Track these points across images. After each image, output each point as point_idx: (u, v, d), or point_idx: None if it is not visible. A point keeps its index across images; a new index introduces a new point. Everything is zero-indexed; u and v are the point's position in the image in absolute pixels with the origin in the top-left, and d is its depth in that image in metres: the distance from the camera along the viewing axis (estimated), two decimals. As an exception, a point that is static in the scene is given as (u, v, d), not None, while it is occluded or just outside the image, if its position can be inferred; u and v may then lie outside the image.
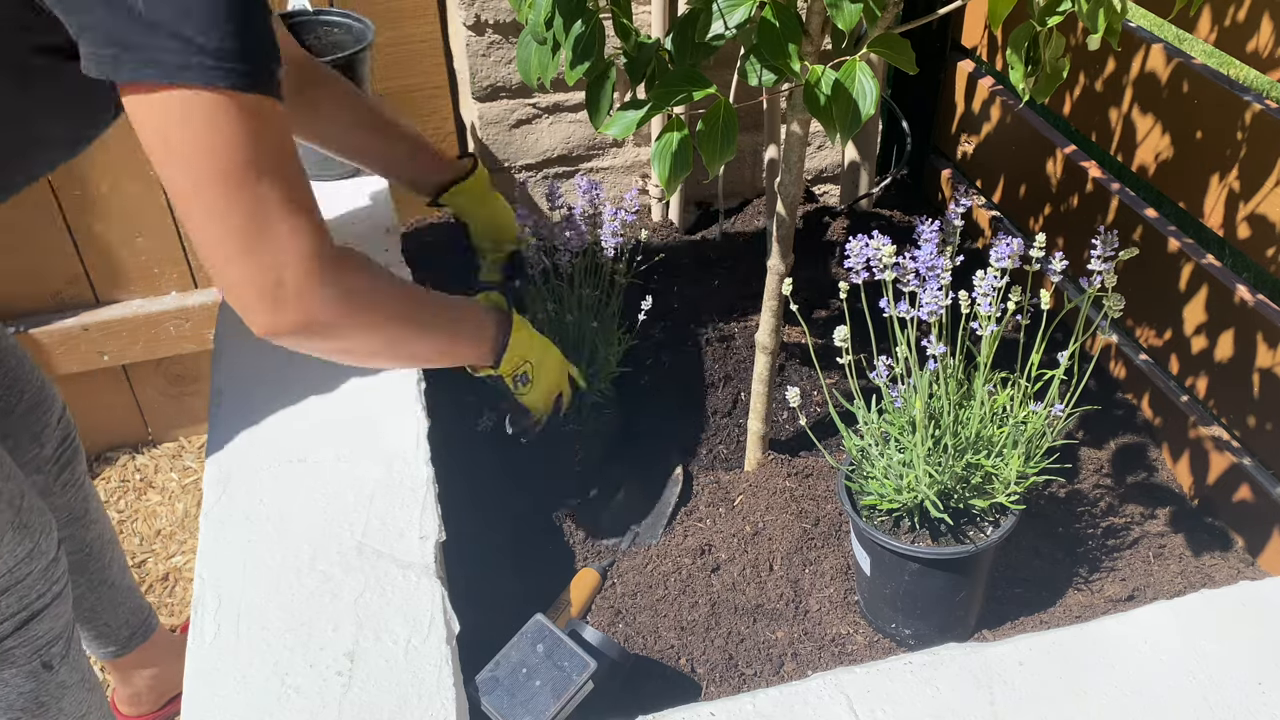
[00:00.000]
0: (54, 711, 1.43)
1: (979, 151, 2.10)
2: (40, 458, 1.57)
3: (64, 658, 1.41)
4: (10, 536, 1.30)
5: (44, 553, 1.34)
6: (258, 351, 1.53)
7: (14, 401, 1.51)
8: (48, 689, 1.40)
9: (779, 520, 1.53)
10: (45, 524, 1.35)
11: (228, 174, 1.02)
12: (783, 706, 1.10)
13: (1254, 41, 1.42)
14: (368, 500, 1.30)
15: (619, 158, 2.16)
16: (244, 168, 1.03)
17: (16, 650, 1.35)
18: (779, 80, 1.14)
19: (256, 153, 1.03)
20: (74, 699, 1.45)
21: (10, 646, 1.35)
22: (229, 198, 1.03)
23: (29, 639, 1.36)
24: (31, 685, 1.39)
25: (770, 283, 1.46)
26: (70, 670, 1.43)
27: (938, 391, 1.30)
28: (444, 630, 1.16)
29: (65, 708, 1.44)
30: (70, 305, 2.24)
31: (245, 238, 1.04)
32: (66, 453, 1.62)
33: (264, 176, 1.04)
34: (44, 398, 1.57)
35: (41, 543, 1.34)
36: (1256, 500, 1.53)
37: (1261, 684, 1.12)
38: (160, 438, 2.50)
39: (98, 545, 1.71)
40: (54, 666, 1.40)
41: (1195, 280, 1.61)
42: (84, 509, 1.67)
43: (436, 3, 2.08)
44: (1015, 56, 1.13)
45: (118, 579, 1.76)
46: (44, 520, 1.35)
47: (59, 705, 1.43)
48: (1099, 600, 1.43)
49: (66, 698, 1.44)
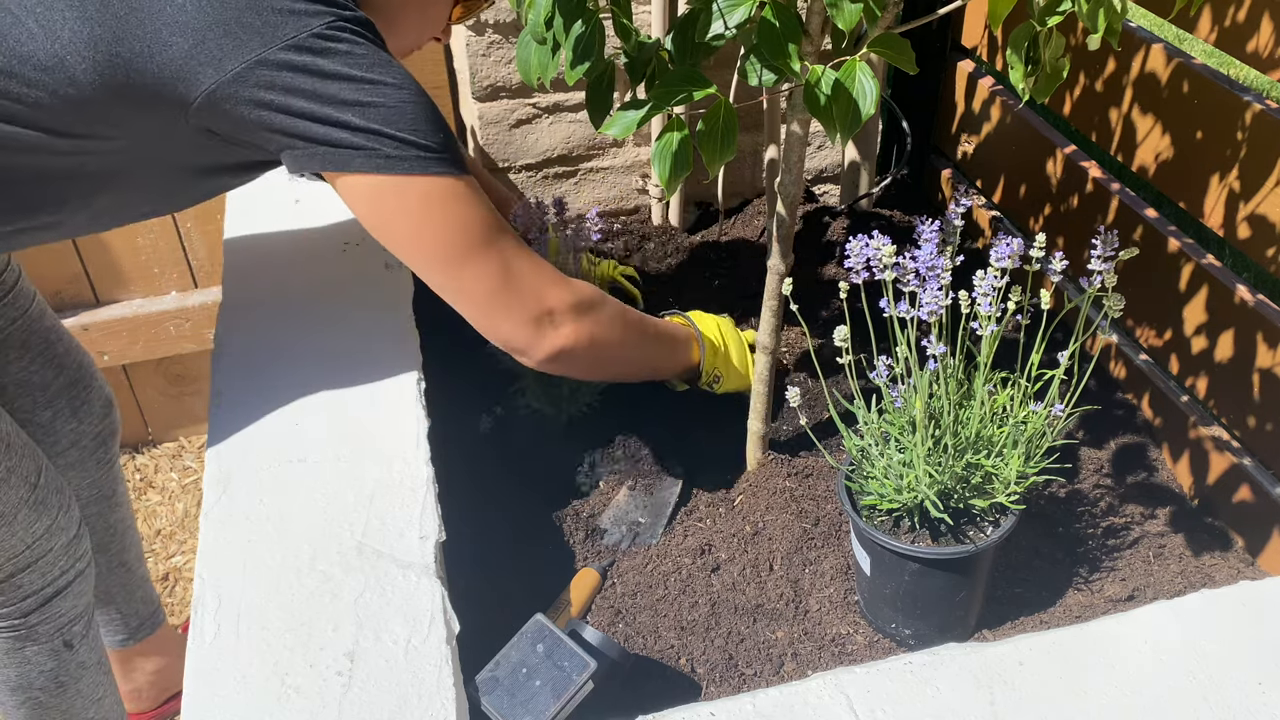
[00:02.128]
0: (72, 693, 1.45)
1: (979, 151, 2.10)
2: (78, 432, 1.61)
3: (84, 637, 1.44)
4: (25, 514, 1.32)
5: (63, 529, 1.37)
6: (258, 351, 1.53)
7: (53, 375, 1.55)
8: (68, 669, 1.43)
9: (779, 520, 1.53)
10: (64, 502, 1.38)
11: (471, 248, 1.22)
12: (783, 706, 1.10)
13: (1254, 41, 1.42)
14: (368, 500, 1.30)
15: (619, 158, 2.16)
16: (481, 238, 1.22)
17: (40, 627, 1.38)
18: (779, 80, 1.14)
19: (484, 222, 1.23)
20: (91, 680, 1.47)
21: (35, 623, 1.37)
22: (486, 262, 1.23)
23: (52, 615, 1.38)
24: (53, 664, 1.41)
25: (770, 283, 1.46)
26: (89, 650, 1.45)
27: (938, 391, 1.30)
28: (444, 630, 1.16)
29: (83, 689, 1.46)
30: (70, 305, 2.25)
31: (506, 292, 1.24)
32: (105, 430, 1.67)
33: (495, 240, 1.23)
34: (84, 374, 1.63)
35: (60, 519, 1.37)
36: (1256, 500, 1.53)
37: (1261, 684, 1.12)
38: (160, 438, 2.50)
39: (121, 527, 1.75)
40: (74, 645, 1.42)
41: (1195, 280, 1.61)
42: (113, 489, 1.71)
43: (436, 3, 2.08)
44: (1015, 56, 1.13)
45: (135, 564, 1.79)
46: (62, 498, 1.37)
47: (77, 686, 1.45)
48: (1099, 600, 1.43)
49: (85, 678, 1.46)
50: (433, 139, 1.15)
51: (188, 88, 1.09)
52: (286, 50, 1.09)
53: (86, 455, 1.64)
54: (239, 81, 1.09)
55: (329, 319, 1.53)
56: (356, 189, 1.16)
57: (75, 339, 1.63)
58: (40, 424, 1.56)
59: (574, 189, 2.17)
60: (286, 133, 1.12)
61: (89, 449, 1.64)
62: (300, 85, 1.10)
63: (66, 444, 1.61)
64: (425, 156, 1.15)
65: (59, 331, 1.59)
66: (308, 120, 1.11)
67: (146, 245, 2.20)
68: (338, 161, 1.14)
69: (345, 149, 1.13)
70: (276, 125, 1.12)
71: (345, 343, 1.50)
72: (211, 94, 1.09)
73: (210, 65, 1.08)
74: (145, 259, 2.23)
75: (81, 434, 1.62)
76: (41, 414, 1.56)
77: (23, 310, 1.51)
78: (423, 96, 1.16)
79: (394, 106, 1.13)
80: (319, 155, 1.14)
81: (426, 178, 1.16)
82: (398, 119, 1.13)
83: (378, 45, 1.15)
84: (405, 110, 1.13)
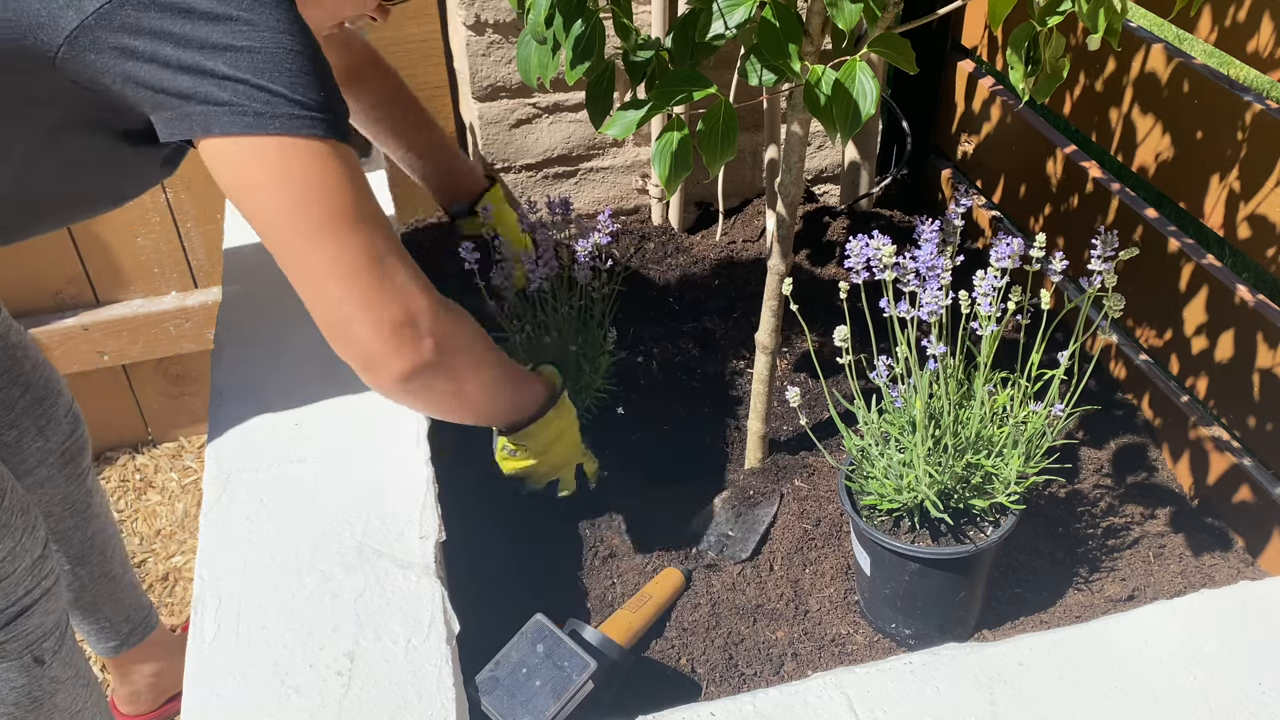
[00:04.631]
0: (48, 707, 1.43)
1: (979, 151, 2.10)
2: (45, 450, 1.58)
3: (56, 653, 1.42)
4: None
5: (27, 550, 1.34)
6: (258, 351, 1.53)
7: (19, 394, 1.52)
8: (41, 684, 1.41)
9: (779, 520, 1.53)
10: (28, 522, 1.36)
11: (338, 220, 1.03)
12: (783, 706, 1.10)
13: (1254, 41, 1.42)
14: (368, 500, 1.30)
15: (619, 158, 2.16)
16: (353, 213, 1.04)
17: (7, 645, 1.36)
18: (779, 80, 1.14)
19: (359, 198, 1.05)
20: (68, 694, 1.45)
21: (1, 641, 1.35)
22: (345, 245, 1.04)
23: (19, 634, 1.36)
24: (24, 680, 1.39)
25: (770, 283, 1.46)
26: (63, 666, 1.44)
27: (938, 391, 1.30)
28: (444, 630, 1.16)
29: (60, 703, 1.45)
30: (70, 305, 2.25)
31: (370, 285, 1.06)
32: (73, 446, 1.63)
33: (369, 222, 1.05)
34: (50, 391, 1.58)
35: (24, 540, 1.34)
36: (1256, 500, 1.53)
37: (1261, 684, 1.12)
38: (160, 438, 2.50)
39: (100, 539, 1.72)
40: (46, 661, 1.40)
41: (1195, 280, 1.61)
42: (87, 503, 1.68)
43: (436, 2, 2.08)
44: (1015, 56, 1.13)
45: (119, 573, 1.77)
46: (27, 519, 1.35)
47: (53, 701, 1.44)
48: (1099, 600, 1.43)
49: (60, 693, 1.44)
50: (310, 95, 1.00)
51: (50, 34, 0.98)
52: None
53: (55, 472, 1.60)
54: (102, 23, 0.96)
55: (329, 319, 1.53)
56: (217, 152, 1.01)
57: (42, 354, 1.57)
58: (6, 443, 1.51)
59: (574, 189, 2.17)
60: (154, 88, 0.99)
61: (57, 465, 1.60)
62: (168, 28, 0.97)
63: (34, 462, 1.57)
64: (297, 116, 1.00)
65: (25, 348, 1.53)
66: (174, 70, 0.98)
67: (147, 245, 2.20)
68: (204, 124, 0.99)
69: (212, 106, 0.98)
70: (144, 79, 0.98)
71: (345, 343, 1.49)
72: (74, 39, 0.97)
73: (71, 7, 0.97)
74: (145, 259, 2.22)
75: (48, 451, 1.58)
76: (7, 433, 1.51)
77: None
78: (308, 45, 1.02)
79: (272, 53, 0.98)
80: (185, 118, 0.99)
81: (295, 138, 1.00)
82: (272, 68, 0.98)
83: None
84: (283, 59, 0.99)
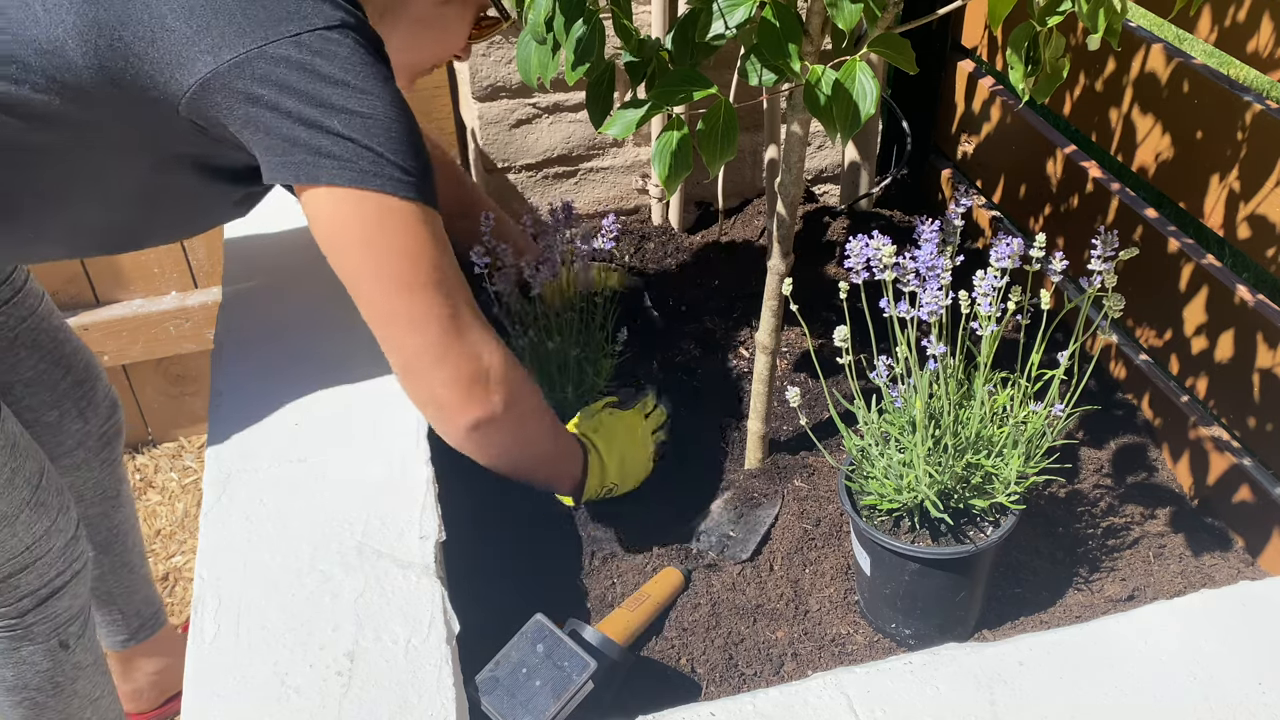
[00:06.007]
0: (68, 693, 1.45)
1: (979, 151, 2.10)
2: (84, 432, 1.61)
3: (80, 638, 1.44)
4: (27, 514, 1.32)
5: (61, 530, 1.37)
6: (258, 351, 1.53)
7: (60, 374, 1.56)
8: (64, 669, 1.43)
9: (779, 520, 1.53)
10: (63, 503, 1.38)
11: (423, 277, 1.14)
12: (783, 706, 1.10)
13: (1254, 41, 1.42)
14: (368, 500, 1.30)
15: (619, 158, 2.16)
16: (436, 272, 1.14)
17: (37, 627, 1.38)
18: (779, 80, 1.14)
19: (441, 259, 1.15)
20: (88, 680, 1.47)
21: (31, 623, 1.37)
22: (427, 301, 1.14)
23: (49, 616, 1.38)
24: (49, 665, 1.41)
25: (770, 283, 1.46)
26: (85, 651, 1.46)
27: (938, 391, 1.30)
28: (444, 630, 1.16)
29: (79, 689, 1.46)
30: (70, 305, 2.25)
31: (447, 340, 1.16)
32: (110, 430, 1.67)
33: (449, 282, 1.16)
34: (90, 374, 1.63)
35: (59, 520, 1.37)
36: (1256, 500, 1.53)
37: (1261, 684, 1.12)
38: (160, 438, 2.50)
39: (125, 528, 1.75)
40: (70, 646, 1.43)
41: (1195, 280, 1.61)
42: (117, 490, 1.72)
43: (436, 3, 2.08)
44: (1015, 56, 1.13)
45: (137, 565, 1.79)
46: (62, 499, 1.38)
47: (74, 687, 1.45)
48: (1099, 600, 1.43)
49: (81, 679, 1.46)
50: (409, 161, 1.11)
51: (184, 74, 1.06)
52: (287, 45, 1.06)
53: (92, 455, 1.64)
54: (235, 71, 1.05)
55: (329, 319, 1.53)
56: (319, 200, 1.11)
57: (80, 339, 1.63)
58: (47, 424, 1.56)
59: (574, 189, 2.17)
60: (272, 133, 1.08)
61: (94, 449, 1.64)
62: (294, 84, 1.06)
63: (72, 444, 1.61)
64: (399, 179, 1.10)
65: (66, 331, 1.59)
66: (293, 121, 1.07)
67: (146, 245, 2.21)
68: (311, 173, 1.09)
69: (322, 158, 1.08)
70: (265, 123, 1.08)
71: (345, 343, 1.49)
72: (206, 82, 1.06)
73: (209, 53, 1.05)
74: (145, 259, 2.23)
75: (88, 434, 1.62)
76: (49, 414, 1.56)
77: (32, 309, 1.51)
78: (411, 121, 1.12)
79: (381, 121, 1.09)
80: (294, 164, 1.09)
81: (393, 198, 1.10)
82: (381, 135, 1.09)
83: (379, 60, 1.12)
84: (391, 128, 1.09)
